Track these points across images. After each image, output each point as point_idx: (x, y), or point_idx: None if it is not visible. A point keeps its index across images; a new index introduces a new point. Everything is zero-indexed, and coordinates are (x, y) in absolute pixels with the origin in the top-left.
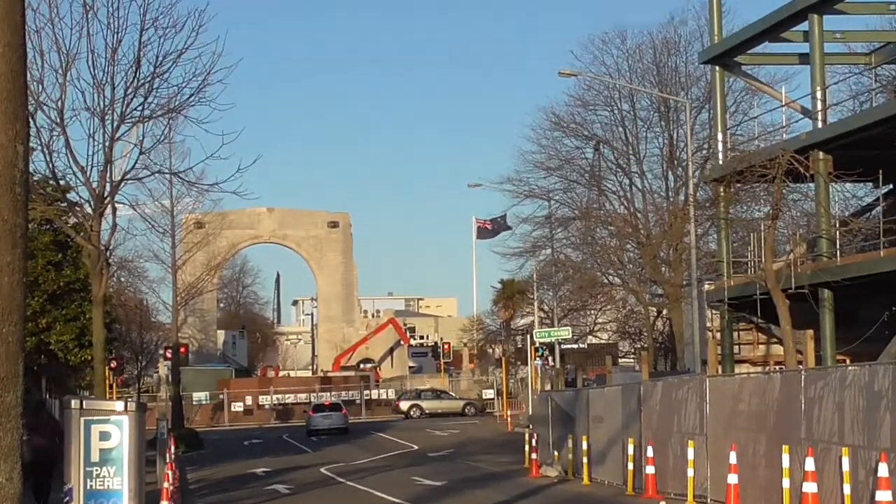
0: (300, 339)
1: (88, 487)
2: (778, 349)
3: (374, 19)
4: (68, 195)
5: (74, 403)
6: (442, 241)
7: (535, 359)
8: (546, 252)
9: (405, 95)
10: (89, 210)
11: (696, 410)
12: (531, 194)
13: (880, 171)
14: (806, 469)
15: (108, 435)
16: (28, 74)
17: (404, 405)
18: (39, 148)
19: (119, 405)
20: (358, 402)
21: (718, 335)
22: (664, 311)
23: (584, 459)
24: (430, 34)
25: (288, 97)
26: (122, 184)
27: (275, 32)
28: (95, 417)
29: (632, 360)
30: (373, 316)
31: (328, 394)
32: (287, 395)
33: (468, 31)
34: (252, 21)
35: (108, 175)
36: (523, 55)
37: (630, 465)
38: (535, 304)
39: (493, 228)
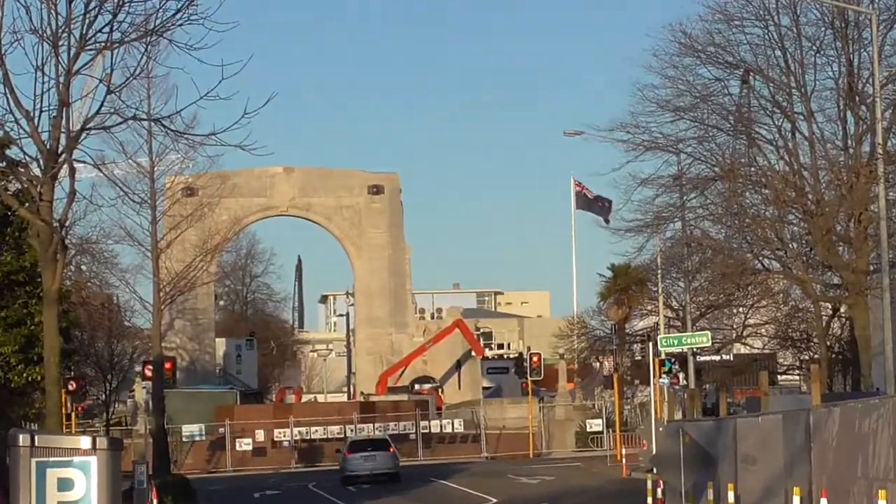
0: (331, 351)
1: None
2: None
3: None
4: (7, 151)
5: (23, 439)
6: (527, 213)
7: (659, 376)
8: (675, 227)
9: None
10: (37, 171)
11: (890, 447)
12: (653, 145)
13: None
14: None
15: (70, 483)
16: None
17: None
18: None
19: (85, 441)
20: (413, 436)
21: None
22: (842, 309)
23: None
24: None
25: (315, 16)
26: (84, 135)
27: None
28: (52, 459)
29: (796, 378)
30: (432, 317)
31: (371, 426)
32: (314, 429)
33: None
34: None
35: (63, 123)
36: None
37: None
38: (660, 299)
39: (595, 200)
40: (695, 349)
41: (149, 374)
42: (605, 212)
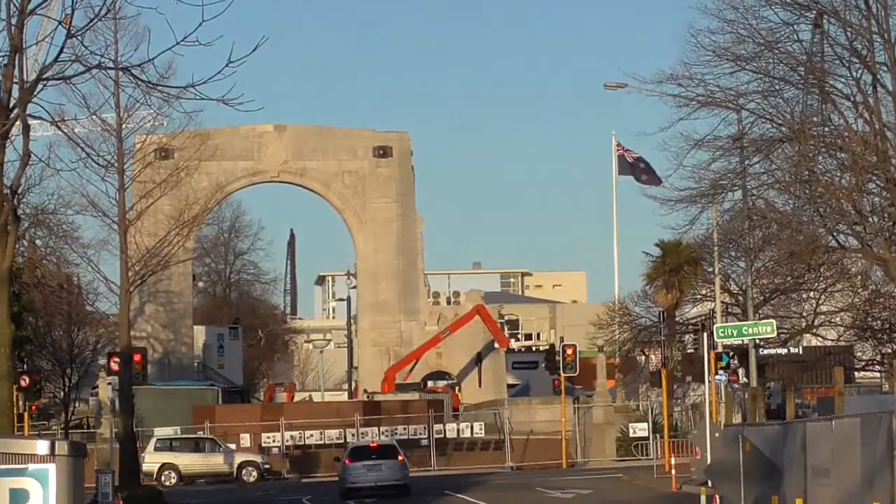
0: (329, 341)
1: None
2: None
3: None
4: None
5: None
6: (560, 181)
7: (716, 372)
8: (734, 196)
9: None
10: None
11: None
12: (709, 101)
13: None
14: None
15: (24, 495)
16: None
17: None
18: None
19: (42, 446)
20: (425, 442)
21: None
22: None
23: None
24: None
25: None
26: (40, 86)
27: None
28: (4, 466)
29: (877, 375)
30: (448, 302)
31: (376, 430)
32: (308, 433)
33: None
34: None
35: (15, 72)
36: None
37: None
38: (717, 281)
39: (637, 164)
40: (757, 341)
41: (115, 367)
42: (654, 177)
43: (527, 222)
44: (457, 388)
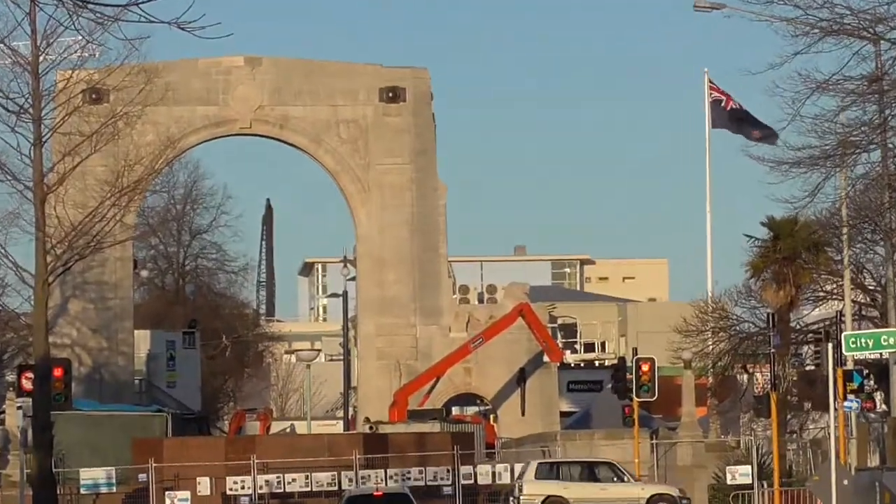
0: (318, 352)
1: None
2: None
3: None
4: None
5: None
6: (631, 137)
7: (844, 397)
8: (870, 157)
9: None
10: None
11: None
12: (837, 28)
13: None
14: None
15: None
16: None
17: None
18: None
19: None
20: (448, 490)
21: None
22: None
23: None
24: None
25: None
26: None
27: None
28: None
29: None
30: (480, 299)
31: (381, 473)
32: (290, 476)
33: None
34: None
35: None
36: None
37: None
38: (846, 273)
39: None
40: None
41: (27, 385)
42: (768, 132)
43: (587, 193)
44: (492, 417)
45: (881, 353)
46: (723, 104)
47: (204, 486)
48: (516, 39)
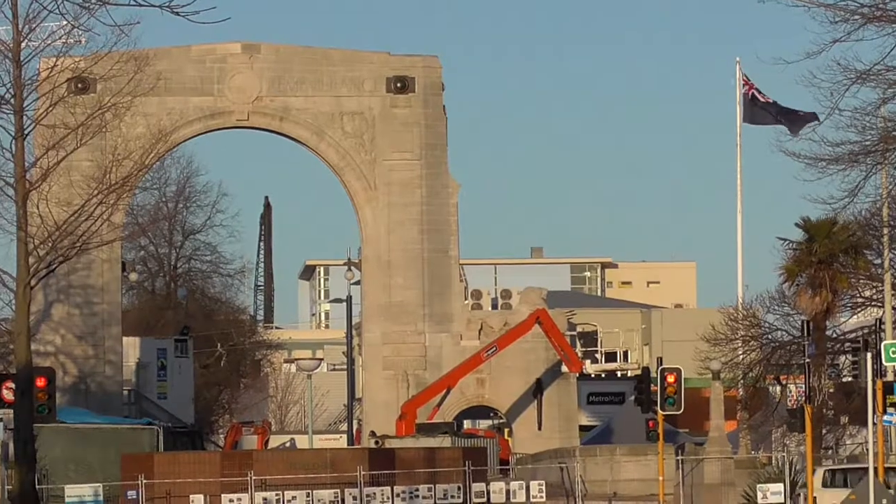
0: (320, 362)
1: None
2: None
3: None
4: None
5: None
6: (656, 131)
7: (884, 411)
8: None
9: None
10: None
11: None
12: (878, 15)
13: None
14: None
15: None
16: None
17: None
18: None
19: None
20: None
21: None
22: None
23: None
24: None
25: None
26: None
27: None
28: None
29: None
30: (494, 305)
31: (387, 491)
32: (290, 494)
33: None
34: None
35: None
36: None
37: None
38: (887, 278)
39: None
40: None
41: (9, 397)
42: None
43: (608, 191)
44: (506, 432)
45: None
46: (751, 97)
47: (197, 503)
48: (534, 28)
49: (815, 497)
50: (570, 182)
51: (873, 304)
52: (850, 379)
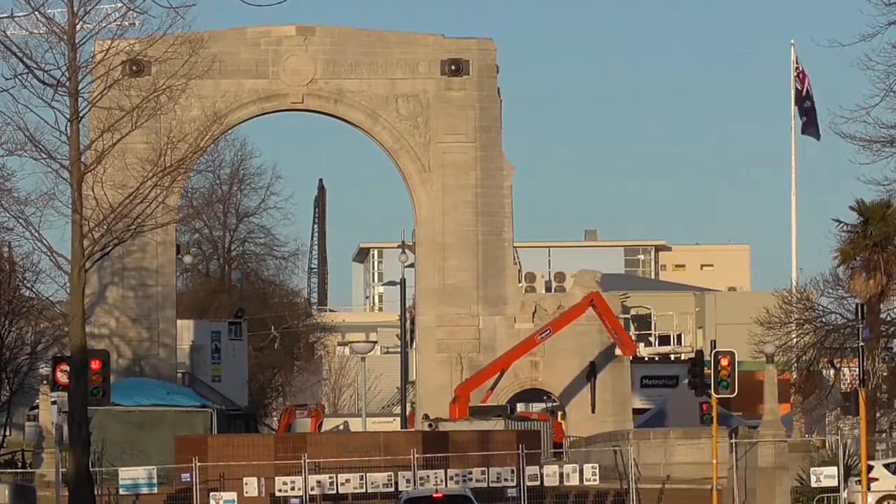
0: (374, 345)
1: None
2: None
3: None
4: None
5: None
6: (709, 115)
7: None
8: None
9: None
10: None
11: None
12: None
13: None
14: None
15: None
16: None
17: None
18: None
19: None
20: (513, 491)
21: None
22: None
23: None
24: None
25: None
26: None
27: None
28: None
29: None
30: (548, 288)
31: (440, 474)
32: (344, 477)
33: None
34: None
35: None
36: None
37: None
38: None
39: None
40: None
41: (63, 379)
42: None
43: (662, 174)
44: (560, 415)
45: None
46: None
47: (251, 486)
48: (590, 9)
49: (877, 478)
50: (624, 164)
51: None
52: None
